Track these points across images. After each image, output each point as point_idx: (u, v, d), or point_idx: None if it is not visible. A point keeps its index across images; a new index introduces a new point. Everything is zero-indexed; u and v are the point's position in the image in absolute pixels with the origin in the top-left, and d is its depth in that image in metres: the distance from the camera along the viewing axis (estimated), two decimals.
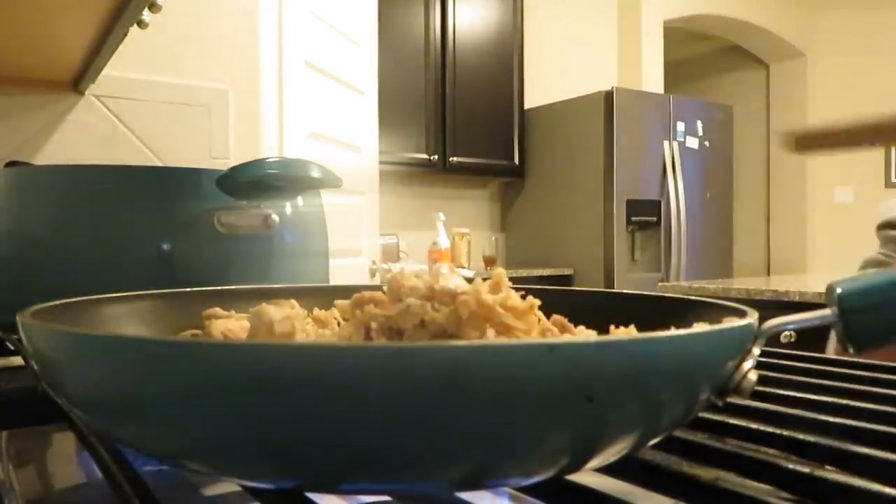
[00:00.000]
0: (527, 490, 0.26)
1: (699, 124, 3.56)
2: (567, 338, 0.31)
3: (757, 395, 0.36)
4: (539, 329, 0.31)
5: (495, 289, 0.28)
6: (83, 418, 0.29)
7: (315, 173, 0.60)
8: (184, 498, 0.34)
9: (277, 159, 0.62)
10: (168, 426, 0.21)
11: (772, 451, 0.30)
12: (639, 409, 0.22)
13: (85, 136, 1.31)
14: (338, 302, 0.36)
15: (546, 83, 3.81)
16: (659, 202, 3.39)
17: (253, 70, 1.50)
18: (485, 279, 0.29)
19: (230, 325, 0.32)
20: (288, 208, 0.63)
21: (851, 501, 0.25)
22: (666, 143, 3.41)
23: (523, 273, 3.26)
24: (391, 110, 2.85)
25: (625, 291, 0.42)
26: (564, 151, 3.47)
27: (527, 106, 3.60)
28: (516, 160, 3.58)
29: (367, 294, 0.30)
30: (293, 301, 0.34)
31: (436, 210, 3.39)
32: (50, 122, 1.29)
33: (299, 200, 0.66)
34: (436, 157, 3.28)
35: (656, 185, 3.39)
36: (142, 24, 0.98)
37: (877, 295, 0.28)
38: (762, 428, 0.32)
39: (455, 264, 3.25)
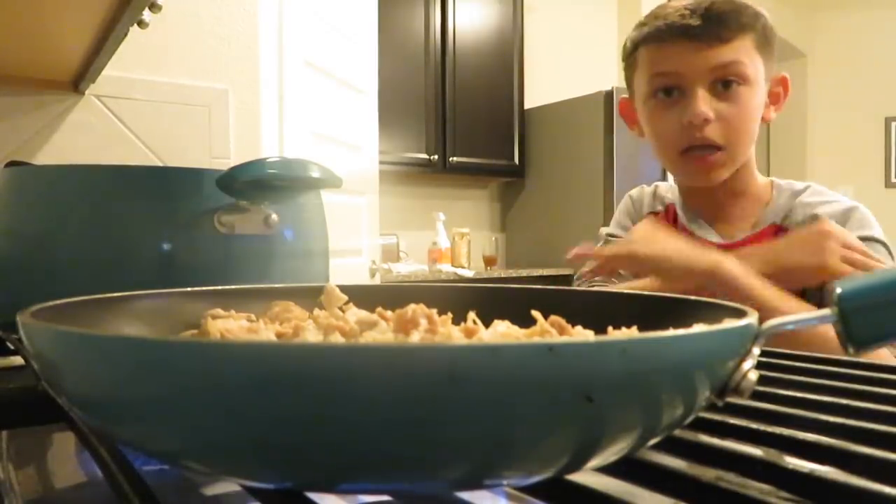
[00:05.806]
0: (527, 490, 0.26)
1: None
2: (567, 338, 0.31)
3: (757, 395, 0.36)
4: (538, 329, 0.31)
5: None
6: (83, 418, 0.29)
7: (315, 173, 0.60)
8: (184, 498, 0.34)
9: (277, 159, 0.62)
10: (168, 426, 0.21)
11: (772, 451, 0.30)
12: (638, 409, 0.22)
13: (85, 136, 1.31)
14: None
15: (546, 83, 3.81)
16: None
17: (253, 70, 1.50)
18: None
19: (228, 324, 0.32)
20: (288, 208, 0.63)
21: (851, 501, 0.25)
22: None
23: (523, 273, 3.26)
24: (391, 110, 2.85)
25: (625, 291, 0.42)
26: (564, 151, 3.47)
27: (527, 106, 3.59)
28: (516, 160, 3.58)
29: None
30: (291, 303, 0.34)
31: (436, 210, 3.39)
32: (50, 122, 1.28)
33: (299, 200, 0.66)
34: (436, 157, 3.28)
35: None
36: (142, 24, 0.98)
37: (877, 295, 0.28)
38: (762, 428, 0.32)
39: (455, 264, 3.26)
